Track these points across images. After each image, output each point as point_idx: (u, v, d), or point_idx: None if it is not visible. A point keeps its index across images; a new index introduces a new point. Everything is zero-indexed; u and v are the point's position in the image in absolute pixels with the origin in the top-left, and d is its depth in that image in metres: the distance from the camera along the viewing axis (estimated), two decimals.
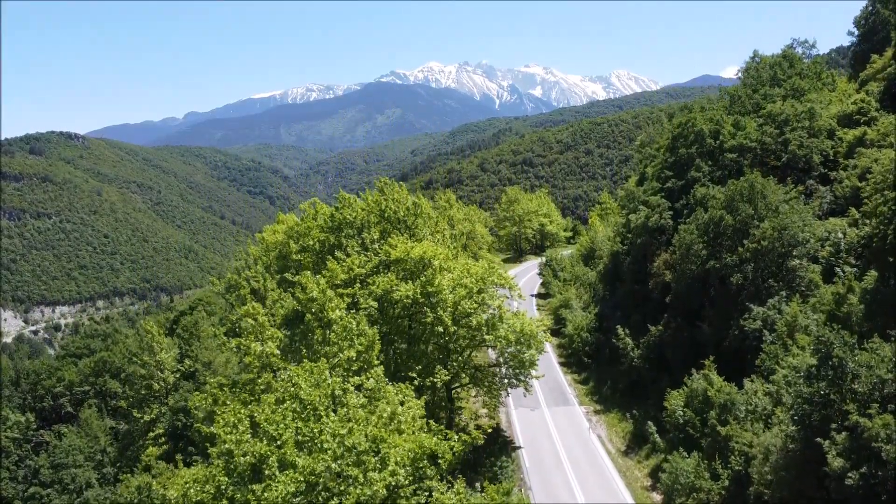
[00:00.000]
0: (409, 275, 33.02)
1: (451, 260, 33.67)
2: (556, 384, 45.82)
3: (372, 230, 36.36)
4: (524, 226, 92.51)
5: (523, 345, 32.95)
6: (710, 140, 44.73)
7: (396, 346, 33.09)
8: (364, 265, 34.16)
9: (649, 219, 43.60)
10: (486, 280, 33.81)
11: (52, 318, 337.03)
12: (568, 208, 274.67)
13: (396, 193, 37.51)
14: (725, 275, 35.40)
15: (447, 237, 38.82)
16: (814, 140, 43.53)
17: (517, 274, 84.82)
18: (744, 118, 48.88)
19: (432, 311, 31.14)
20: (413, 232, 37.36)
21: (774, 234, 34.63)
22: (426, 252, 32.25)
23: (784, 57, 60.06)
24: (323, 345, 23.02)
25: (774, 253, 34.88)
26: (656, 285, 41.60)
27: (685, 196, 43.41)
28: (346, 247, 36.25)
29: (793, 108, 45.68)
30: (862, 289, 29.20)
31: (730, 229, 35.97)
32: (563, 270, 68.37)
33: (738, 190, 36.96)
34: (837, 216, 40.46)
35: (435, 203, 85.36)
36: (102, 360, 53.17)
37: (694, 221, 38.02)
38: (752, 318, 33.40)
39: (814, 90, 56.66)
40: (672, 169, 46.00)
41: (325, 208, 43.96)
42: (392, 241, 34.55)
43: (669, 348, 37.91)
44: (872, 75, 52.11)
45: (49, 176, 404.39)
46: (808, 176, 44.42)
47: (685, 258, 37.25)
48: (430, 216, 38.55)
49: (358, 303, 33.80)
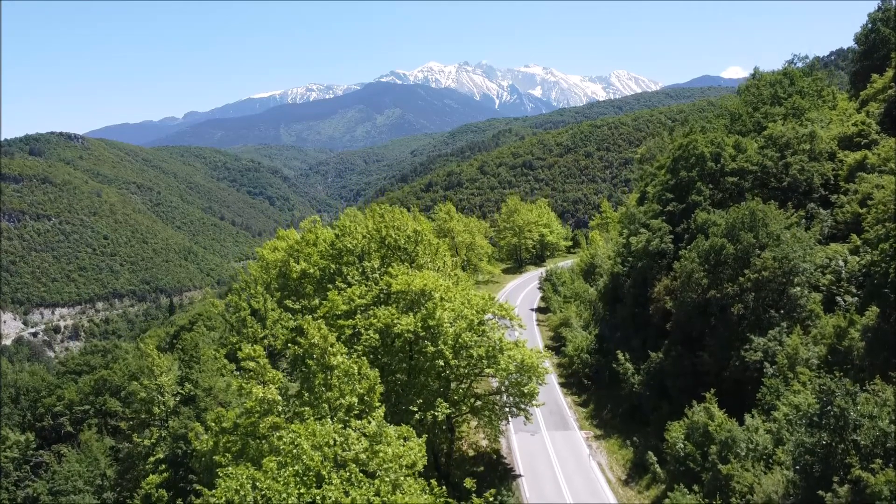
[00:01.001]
0: (410, 305, 33.01)
1: (452, 290, 33.60)
2: (557, 406, 45.78)
3: (372, 258, 36.32)
4: (524, 236, 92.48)
5: (524, 376, 32.94)
6: (710, 163, 44.69)
7: (397, 377, 33.07)
8: (365, 295, 34.14)
9: (650, 242, 43.57)
10: (487, 310, 33.83)
11: (52, 320, 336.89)
12: (568, 211, 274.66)
13: (397, 220, 37.45)
14: (726, 304, 35.36)
15: (447, 263, 38.77)
16: (815, 164, 43.49)
17: (517, 285, 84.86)
18: (744, 139, 48.84)
19: (433, 344, 31.13)
20: (414, 259, 37.34)
21: (775, 264, 34.61)
22: (427, 284, 32.23)
23: (784, 74, 60.11)
24: (325, 389, 22.99)
25: (775, 282, 34.86)
26: (657, 310, 41.57)
27: (686, 220, 43.36)
28: (347, 275, 36.22)
29: (794, 130, 45.65)
30: (863, 325, 29.19)
31: (731, 258, 35.93)
32: (563, 285, 68.31)
33: (740, 217, 36.93)
34: (838, 241, 40.48)
35: (435, 215, 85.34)
36: (102, 379, 53.11)
37: (695, 249, 37.98)
38: (752, 349, 33.39)
39: (814, 108, 56.70)
40: (673, 191, 45.95)
41: (326, 233, 43.91)
42: (393, 270, 34.52)
43: (670, 377, 37.86)
44: (873, 95, 52.09)
45: (48, 177, 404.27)
46: (808, 199, 44.41)
47: (686, 286, 37.23)
48: (430, 242, 38.51)
49: (359, 333, 33.82)
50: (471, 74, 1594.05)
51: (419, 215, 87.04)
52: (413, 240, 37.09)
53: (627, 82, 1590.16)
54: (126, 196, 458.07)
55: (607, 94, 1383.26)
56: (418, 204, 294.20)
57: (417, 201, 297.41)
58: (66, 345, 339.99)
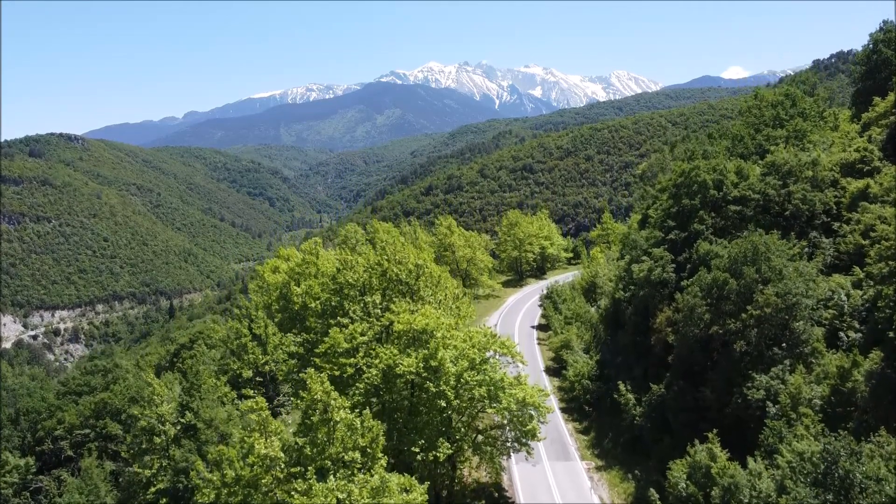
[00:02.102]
0: (412, 341, 32.96)
1: (453, 328, 33.53)
2: (558, 434, 45.67)
3: (374, 293, 36.23)
4: (525, 249, 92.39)
5: (525, 414, 32.86)
6: (713, 191, 44.59)
7: (399, 415, 33.02)
8: (366, 332, 34.08)
9: (652, 272, 43.48)
10: (489, 347, 33.74)
11: (52, 323, 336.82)
12: (568, 215, 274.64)
13: (399, 253, 37.35)
14: (728, 340, 35.29)
15: (449, 296, 38.70)
16: (817, 193, 43.39)
17: (518, 300, 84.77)
18: (746, 163, 48.78)
19: (435, 384, 31.06)
20: (415, 293, 37.26)
21: (778, 300, 34.52)
22: (428, 324, 32.15)
23: (786, 95, 60.07)
24: (328, 444, 22.93)
25: (778, 318, 34.77)
26: (658, 341, 41.49)
27: (688, 249, 43.28)
28: (349, 310, 36.14)
29: (796, 158, 45.53)
30: (867, 370, 29.10)
31: (733, 293, 35.83)
32: (563, 303, 68.22)
33: (742, 251, 36.83)
34: (841, 272, 40.40)
35: (436, 230, 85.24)
36: (103, 402, 53.01)
37: (697, 282, 37.88)
38: (755, 387, 33.30)
39: (816, 130, 56.66)
40: (675, 219, 45.86)
41: (328, 261, 43.73)
42: (394, 306, 34.44)
43: (671, 410, 37.78)
44: (875, 119, 51.97)
45: (49, 179, 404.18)
46: (810, 226, 44.33)
47: (688, 321, 37.13)
48: (431, 275, 38.42)
49: (361, 370, 33.75)
50: (471, 74, 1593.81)
51: (419, 230, 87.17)
52: (414, 274, 37.01)
53: (627, 82, 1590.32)
54: (126, 197, 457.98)
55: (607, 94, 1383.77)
56: (419, 207, 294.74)
57: (418, 205, 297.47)
58: (65, 347, 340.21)
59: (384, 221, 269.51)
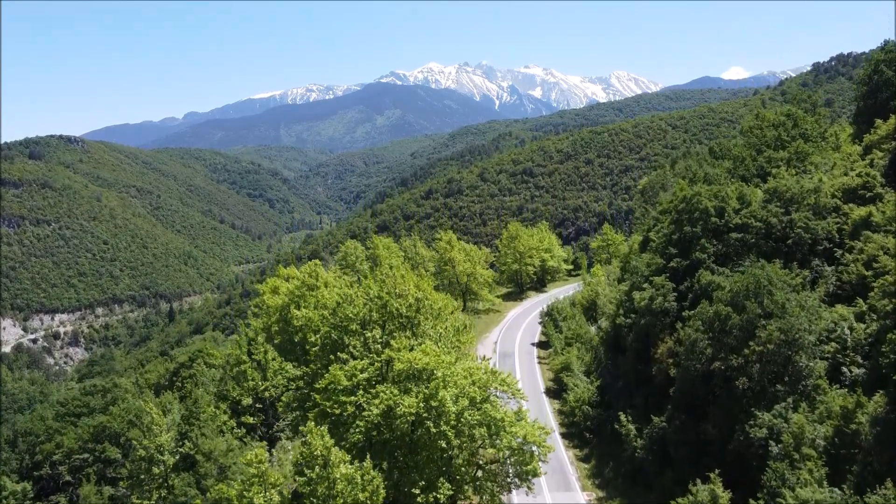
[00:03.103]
0: (412, 378, 32.77)
1: (454, 366, 33.31)
2: (558, 462, 45.39)
3: (374, 328, 36.03)
4: (525, 262, 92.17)
5: (526, 454, 32.64)
6: (714, 218, 44.38)
7: (399, 454, 32.83)
8: (366, 369, 33.88)
9: (653, 300, 43.27)
10: (490, 384, 33.52)
11: (52, 326, 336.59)
12: (568, 219, 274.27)
13: (399, 286, 37.14)
14: (730, 376, 35.08)
15: (450, 329, 38.48)
16: (819, 222, 43.17)
17: (519, 315, 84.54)
18: (748, 188, 48.58)
19: (435, 424, 30.87)
20: (416, 326, 37.06)
21: (780, 336, 34.32)
22: (429, 363, 31.96)
23: (787, 115, 59.84)
24: (329, 498, 22.74)
25: (780, 354, 34.57)
26: (660, 371, 41.32)
27: (690, 278, 43.09)
28: (349, 345, 35.96)
29: (798, 185, 45.31)
30: (872, 415, 28.88)
31: (735, 328, 35.62)
32: (564, 321, 68.02)
33: (744, 285, 36.62)
34: (843, 302, 40.15)
35: (436, 244, 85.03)
36: (102, 426, 52.81)
37: (699, 315, 37.68)
38: (757, 425, 33.11)
39: (817, 151, 56.46)
40: (676, 245, 45.66)
41: (327, 287, 43.44)
42: (395, 343, 34.25)
43: (672, 444, 37.59)
44: (876, 142, 51.74)
45: (48, 182, 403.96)
46: (812, 253, 44.10)
47: (689, 354, 36.95)
48: (432, 307, 38.20)
49: (362, 407, 33.55)
50: (471, 75, 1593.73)
51: (420, 244, 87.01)
52: (415, 307, 36.82)
53: (627, 83, 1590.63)
54: (126, 200, 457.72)
55: (607, 94, 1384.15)
56: (418, 211, 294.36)
57: (418, 209, 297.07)
58: (65, 351, 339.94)
59: (384, 226, 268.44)
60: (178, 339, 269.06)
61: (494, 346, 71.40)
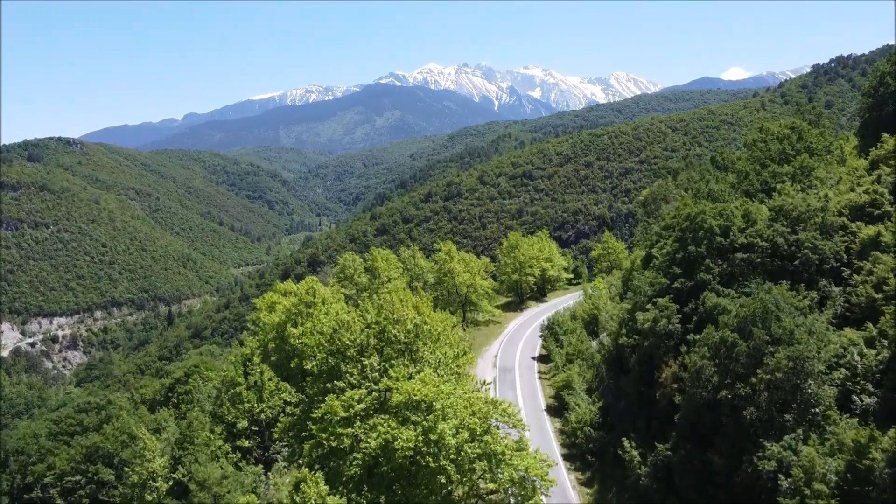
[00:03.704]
0: (410, 409, 31.86)
1: (453, 394, 32.38)
2: (560, 486, 44.24)
3: (371, 355, 35.11)
4: (525, 272, 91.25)
5: (528, 489, 31.71)
6: (719, 237, 43.46)
7: (397, 487, 31.93)
8: (364, 399, 32.96)
9: (657, 323, 42.34)
10: (490, 416, 32.59)
11: (50, 330, 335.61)
12: (568, 223, 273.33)
13: (397, 311, 36.21)
14: (738, 405, 34.13)
15: (449, 354, 37.54)
16: (827, 242, 42.22)
17: (519, 326, 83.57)
18: (753, 204, 47.64)
19: (434, 459, 29.96)
20: (414, 352, 36.13)
21: (789, 364, 33.38)
22: (428, 395, 31.03)
23: (792, 128, 58.92)
24: None
25: (789, 383, 33.64)
26: (664, 396, 40.36)
27: (694, 300, 42.15)
28: (346, 373, 35.02)
29: (805, 203, 44.36)
30: (887, 454, 27.92)
31: (742, 356, 34.68)
32: (565, 334, 67.11)
33: (751, 311, 35.68)
34: (852, 325, 39.23)
35: (436, 256, 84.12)
36: (95, 446, 51.83)
37: (704, 340, 36.74)
38: (766, 457, 32.16)
39: (823, 165, 55.54)
40: (680, 265, 44.73)
41: (326, 318, 42.45)
42: (393, 372, 33.34)
43: (678, 473, 36.66)
44: (883, 157, 50.81)
45: (47, 184, 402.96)
46: (819, 273, 43.16)
47: (695, 382, 36.01)
48: (431, 332, 37.25)
49: (359, 438, 32.65)
50: (470, 76, 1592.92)
51: (419, 255, 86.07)
52: (413, 332, 35.89)
53: (627, 84, 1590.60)
54: (125, 202, 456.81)
55: (606, 95, 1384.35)
56: (418, 215, 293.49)
57: (417, 212, 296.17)
58: (64, 354, 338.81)
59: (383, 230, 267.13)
60: (177, 343, 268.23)
61: (495, 361, 70.47)
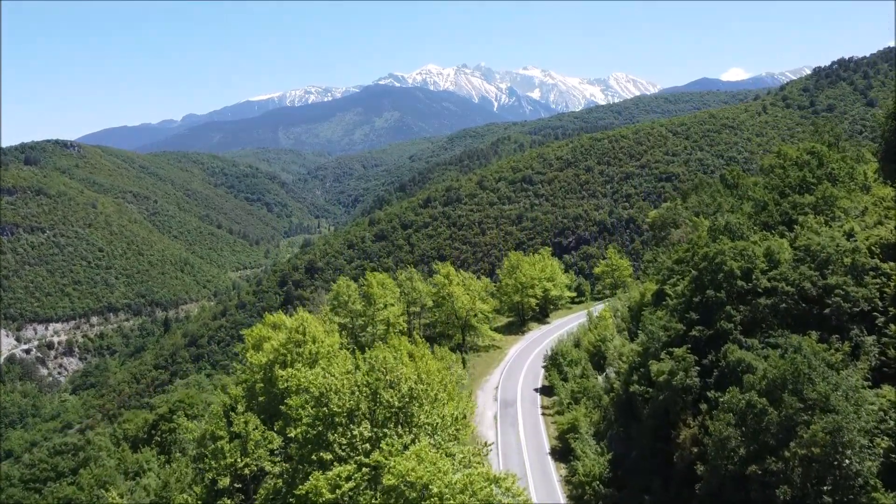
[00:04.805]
0: (402, 496, 28.46)
1: (451, 471, 28.99)
2: None
3: (362, 423, 31.69)
4: (527, 293, 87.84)
5: None
6: (740, 281, 40.04)
7: None
8: (353, 476, 29.56)
9: (673, 375, 38.90)
10: (492, 501, 29.18)
11: (45, 336, 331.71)
12: (568, 228, 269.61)
13: (391, 371, 32.82)
14: (769, 482, 30.70)
15: (447, 417, 34.12)
16: (861, 289, 38.75)
17: (520, 352, 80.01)
18: (775, 241, 44.17)
19: None
20: (409, 417, 32.72)
21: (827, 437, 29.97)
22: (423, 476, 27.61)
23: (811, 153, 55.56)
24: None
25: (827, 459, 30.21)
26: (682, 458, 36.93)
27: (715, 351, 38.72)
28: (333, 442, 31.60)
29: (833, 242, 40.92)
30: None
31: (773, 426, 31.26)
32: (568, 365, 63.77)
33: (781, 372, 32.26)
34: (889, 381, 35.83)
35: (434, 279, 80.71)
36: (67, 499, 48.31)
37: (728, 406, 33.30)
38: None
39: (846, 193, 52.15)
40: (697, 310, 41.29)
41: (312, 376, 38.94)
42: (385, 446, 29.93)
43: None
44: None
45: (43, 188, 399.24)
46: (850, 320, 39.72)
47: (719, 453, 32.58)
48: (428, 392, 33.85)
49: None
50: (469, 77, 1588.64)
51: (417, 279, 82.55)
52: (408, 395, 32.49)
53: (626, 85, 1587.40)
54: (122, 206, 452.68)
55: (606, 96, 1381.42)
56: (417, 220, 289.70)
57: (416, 217, 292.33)
58: (59, 361, 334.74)
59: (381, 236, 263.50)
60: (173, 352, 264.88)
61: (496, 393, 67.01)
